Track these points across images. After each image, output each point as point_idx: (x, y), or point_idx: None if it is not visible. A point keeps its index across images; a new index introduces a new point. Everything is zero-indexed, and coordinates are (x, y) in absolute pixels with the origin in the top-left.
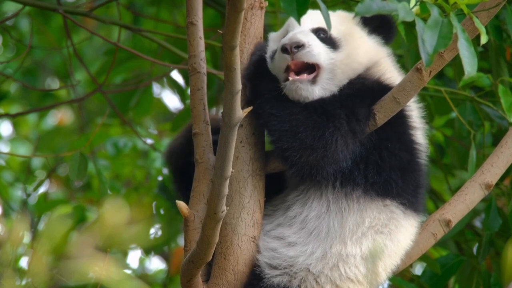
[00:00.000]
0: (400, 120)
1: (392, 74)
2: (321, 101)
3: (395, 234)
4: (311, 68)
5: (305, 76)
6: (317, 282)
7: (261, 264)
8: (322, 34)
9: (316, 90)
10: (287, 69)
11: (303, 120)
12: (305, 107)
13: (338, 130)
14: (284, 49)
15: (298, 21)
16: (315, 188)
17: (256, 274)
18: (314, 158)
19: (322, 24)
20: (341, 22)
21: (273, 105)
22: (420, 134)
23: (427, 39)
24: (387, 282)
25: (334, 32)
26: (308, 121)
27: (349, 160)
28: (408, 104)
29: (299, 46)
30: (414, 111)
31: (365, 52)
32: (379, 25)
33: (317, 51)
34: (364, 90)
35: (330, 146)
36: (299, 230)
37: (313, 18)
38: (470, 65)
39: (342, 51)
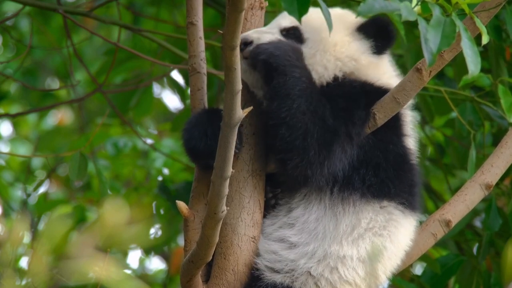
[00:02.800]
0: (395, 122)
1: (381, 77)
2: (324, 106)
3: (395, 236)
4: None
5: None
6: (317, 285)
7: (260, 268)
8: (292, 32)
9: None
10: None
11: (313, 131)
12: (314, 113)
13: (338, 139)
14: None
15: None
16: (316, 193)
17: (255, 276)
18: (310, 171)
19: (297, 22)
20: (321, 19)
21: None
22: (411, 140)
23: (430, 39)
24: (387, 282)
25: (308, 34)
26: (318, 132)
27: (346, 166)
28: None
29: (247, 43)
30: (408, 117)
31: (338, 57)
32: (376, 32)
33: None
34: (355, 92)
35: (329, 159)
36: (300, 231)
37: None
38: (473, 64)
39: (304, 53)
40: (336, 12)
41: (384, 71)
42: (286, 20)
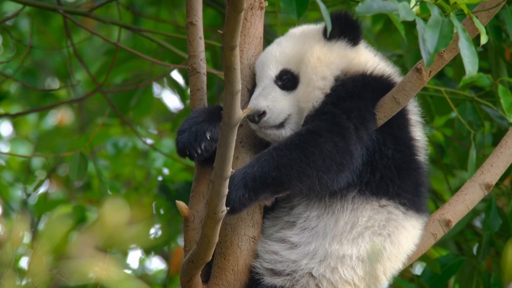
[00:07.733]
0: (395, 117)
1: (375, 65)
2: (330, 116)
3: (396, 236)
4: None
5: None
6: (318, 287)
7: (260, 271)
8: (285, 76)
9: (284, 131)
10: None
11: (332, 151)
12: (318, 133)
13: (351, 141)
14: (250, 119)
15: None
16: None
17: (255, 280)
18: (349, 179)
19: (285, 62)
20: (294, 46)
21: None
22: (417, 130)
23: (428, 39)
24: (387, 284)
25: (295, 66)
26: (335, 150)
27: (360, 160)
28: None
29: (261, 114)
30: (411, 106)
31: (328, 64)
32: (342, 29)
33: (280, 109)
34: (360, 90)
35: (349, 163)
36: (301, 230)
37: (276, 58)
38: (471, 65)
39: (302, 83)
40: (299, 31)
41: (370, 56)
42: (270, 67)
